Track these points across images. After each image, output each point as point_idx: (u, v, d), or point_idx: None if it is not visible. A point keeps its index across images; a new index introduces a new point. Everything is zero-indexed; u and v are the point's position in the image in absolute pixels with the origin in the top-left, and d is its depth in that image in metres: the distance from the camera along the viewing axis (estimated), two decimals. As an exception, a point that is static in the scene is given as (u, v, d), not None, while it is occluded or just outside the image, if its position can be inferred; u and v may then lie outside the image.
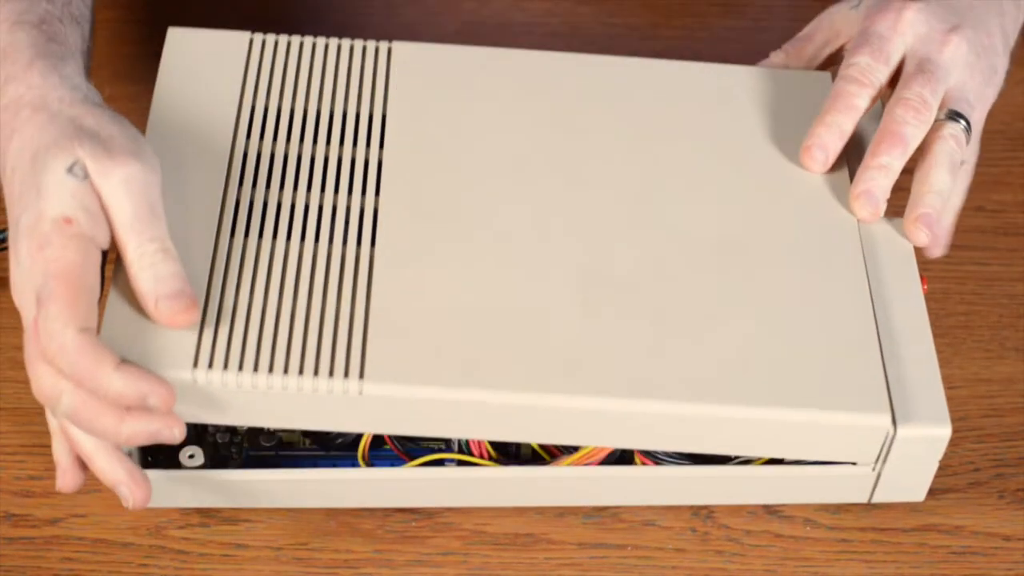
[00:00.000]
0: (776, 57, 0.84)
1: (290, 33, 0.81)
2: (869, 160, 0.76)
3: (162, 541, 0.74)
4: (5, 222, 0.73)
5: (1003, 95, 0.92)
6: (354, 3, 1.01)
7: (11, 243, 0.69)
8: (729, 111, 0.80)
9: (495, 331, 0.70)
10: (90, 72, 0.77)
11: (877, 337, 0.71)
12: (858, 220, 0.75)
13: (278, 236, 0.73)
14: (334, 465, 0.74)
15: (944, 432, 0.70)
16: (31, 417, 0.68)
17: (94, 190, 0.68)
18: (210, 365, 0.68)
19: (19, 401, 0.79)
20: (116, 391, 0.66)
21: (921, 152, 0.77)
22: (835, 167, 0.77)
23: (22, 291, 0.68)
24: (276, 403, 0.68)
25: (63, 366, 0.66)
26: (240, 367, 0.68)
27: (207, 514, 0.75)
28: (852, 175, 0.77)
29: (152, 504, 0.73)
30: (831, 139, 0.77)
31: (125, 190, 0.68)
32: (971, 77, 0.78)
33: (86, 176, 0.68)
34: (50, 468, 0.76)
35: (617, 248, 0.73)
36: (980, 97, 0.79)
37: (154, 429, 0.67)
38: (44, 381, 0.67)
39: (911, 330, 0.72)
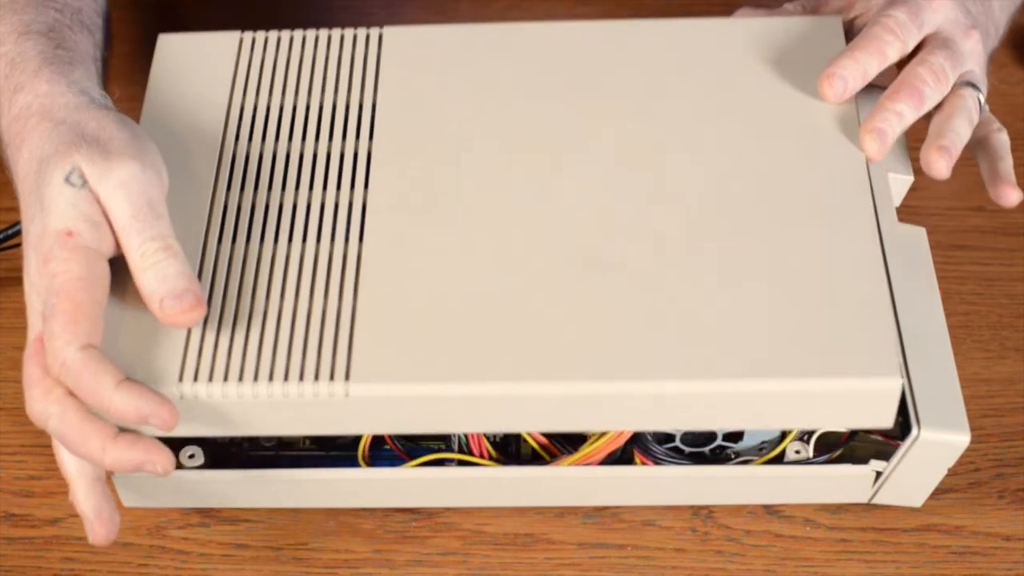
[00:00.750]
0: (791, 7, 0.83)
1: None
2: (886, 103, 0.75)
3: (162, 541, 0.74)
4: (7, 221, 0.74)
5: (1003, 95, 0.92)
6: (354, 4, 1.01)
7: (24, 252, 0.69)
8: (736, 64, 0.78)
9: (486, 322, 0.68)
10: (106, 81, 0.76)
11: (889, 294, 0.69)
12: (865, 156, 0.74)
13: (265, 239, 0.72)
14: (334, 465, 0.73)
15: (963, 440, 0.69)
16: (31, 417, 0.68)
17: (93, 196, 0.68)
18: (195, 378, 0.67)
19: (19, 401, 0.78)
20: (116, 410, 0.65)
21: (939, 108, 0.77)
22: (847, 121, 0.75)
23: (31, 303, 0.68)
24: (265, 411, 0.67)
25: (67, 383, 0.66)
26: (225, 377, 0.67)
27: (207, 514, 0.75)
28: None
29: (152, 504, 0.73)
30: (854, 74, 0.75)
31: (124, 191, 0.67)
32: (981, 73, 0.79)
33: (84, 183, 0.67)
34: (50, 468, 0.76)
35: (616, 224, 0.71)
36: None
37: (138, 461, 0.66)
38: (35, 405, 0.67)
39: (932, 336, 0.71)
